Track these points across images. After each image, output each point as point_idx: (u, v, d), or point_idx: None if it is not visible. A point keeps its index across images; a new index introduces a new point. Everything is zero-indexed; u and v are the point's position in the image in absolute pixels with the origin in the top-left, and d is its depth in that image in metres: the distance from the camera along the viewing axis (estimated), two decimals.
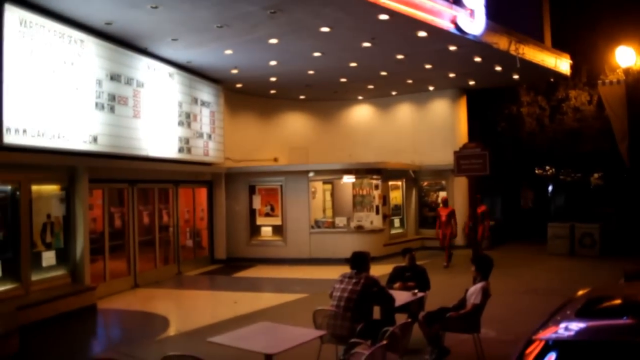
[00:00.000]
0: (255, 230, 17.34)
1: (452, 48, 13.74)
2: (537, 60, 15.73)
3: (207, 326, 9.54)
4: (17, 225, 9.82)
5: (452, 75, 17.00)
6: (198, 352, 4.89)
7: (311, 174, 17.02)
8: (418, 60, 14.94)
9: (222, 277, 14.98)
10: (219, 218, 16.94)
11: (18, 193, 9.92)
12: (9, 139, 9.10)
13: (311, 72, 15.77)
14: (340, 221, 17.09)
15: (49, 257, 10.58)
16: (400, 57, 14.44)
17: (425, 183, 20.07)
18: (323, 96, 19.79)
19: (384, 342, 5.28)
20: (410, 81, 17.79)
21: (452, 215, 15.45)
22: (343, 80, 17.14)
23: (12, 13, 9.34)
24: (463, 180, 18.10)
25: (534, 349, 3.22)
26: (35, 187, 10.30)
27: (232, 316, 10.22)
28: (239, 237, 17.20)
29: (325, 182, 18.00)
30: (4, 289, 9.46)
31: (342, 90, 18.92)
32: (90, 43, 11.16)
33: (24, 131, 9.41)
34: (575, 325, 3.45)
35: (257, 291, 13.27)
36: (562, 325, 3.46)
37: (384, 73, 16.39)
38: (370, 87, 18.54)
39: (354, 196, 17.24)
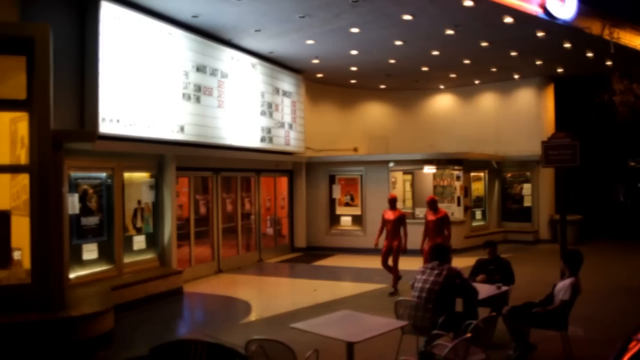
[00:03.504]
0: (334, 219, 17.45)
1: (540, 34, 13.19)
2: (633, 45, 14.86)
3: (288, 312, 9.71)
4: (111, 210, 10.37)
5: (539, 62, 16.36)
6: (280, 337, 4.98)
7: (391, 164, 16.90)
8: (503, 47, 14.46)
9: (302, 265, 15.18)
10: (300, 207, 17.17)
11: (112, 180, 10.45)
12: (105, 128, 9.58)
13: (392, 61, 15.62)
14: (421, 212, 16.84)
15: (139, 241, 11.10)
16: (484, 44, 14.03)
17: (509, 174, 19.46)
18: (404, 85, 19.56)
19: (468, 335, 5.18)
20: (494, 69, 17.27)
21: (401, 221, 11.44)
22: (425, 69, 16.87)
23: (107, 9, 9.80)
24: (549, 172, 17.47)
25: (632, 349, 3.07)
26: (127, 175, 10.81)
27: (312, 304, 10.35)
28: (319, 226, 17.36)
29: (405, 173, 17.84)
30: (99, 269, 10.02)
31: (423, 80, 18.63)
32: (178, 36, 11.55)
33: (118, 121, 9.88)
34: None
35: (336, 280, 13.35)
36: None
37: (467, 61, 15.99)
38: (453, 75, 18.14)
39: (435, 187, 17.00)
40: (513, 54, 15.12)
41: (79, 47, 9.71)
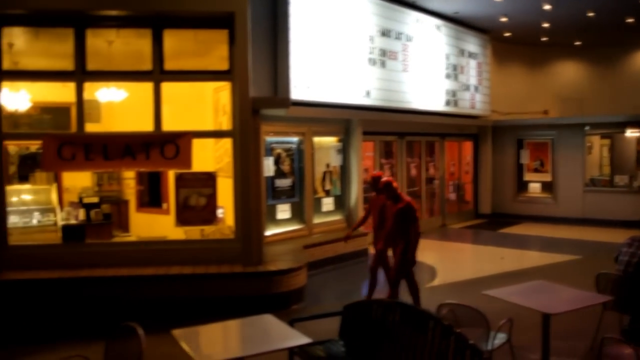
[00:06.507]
0: (522, 186, 16.71)
1: None
2: None
3: (474, 279, 9.56)
4: (301, 173, 10.92)
5: None
6: (467, 303, 4.90)
7: (587, 128, 15.64)
8: None
9: (487, 232, 14.78)
10: (485, 172, 16.70)
11: (302, 144, 10.97)
12: (296, 94, 10.01)
13: (590, 14, 14.22)
14: (621, 180, 15.46)
15: (327, 203, 11.58)
16: None
17: None
18: (602, 41, 17.74)
19: None
20: None
21: (404, 215, 7.23)
22: (629, 20, 15.12)
23: None
24: None
25: None
26: (316, 139, 11.26)
27: (498, 272, 10.08)
28: (505, 192, 16.75)
29: (603, 137, 16.47)
30: (292, 229, 10.66)
31: (627, 33, 16.73)
32: (364, 1, 11.63)
33: (308, 87, 10.27)
34: None
35: (524, 249, 12.80)
36: None
37: None
38: None
39: (638, 152, 15.42)
40: None
41: (271, 18, 10.15)
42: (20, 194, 9.52)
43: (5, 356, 6.66)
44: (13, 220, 8.64)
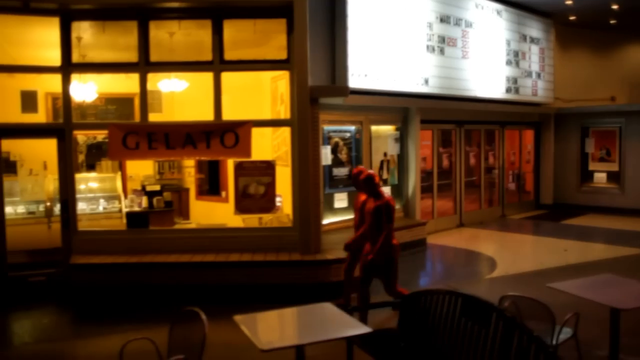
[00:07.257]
0: (586, 175, 16.11)
1: None
2: None
3: (535, 271, 9.34)
4: (359, 162, 10.85)
5: None
6: (529, 295, 4.77)
7: None
8: None
9: (549, 223, 14.36)
10: (547, 161, 16.23)
11: (360, 133, 10.91)
12: (354, 82, 9.93)
13: None
14: None
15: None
16: None
17: None
18: None
19: None
20: None
21: (380, 212, 6.74)
22: None
23: None
24: None
25: None
26: (374, 128, 11.18)
27: (561, 264, 9.82)
28: (568, 182, 16.21)
29: None
30: (349, 218, 10.49)
31: None
32: None
33: (366, 75, 10.20)
34: None
35: (588, 241, 12.35)
36: None
37: None
38: None
39: None
40: None
41: (329, 6, 10.05)
42: (88, 182, 9.91)
43: (73, 334, 6.97)
44: (81, 206, 8.99)
